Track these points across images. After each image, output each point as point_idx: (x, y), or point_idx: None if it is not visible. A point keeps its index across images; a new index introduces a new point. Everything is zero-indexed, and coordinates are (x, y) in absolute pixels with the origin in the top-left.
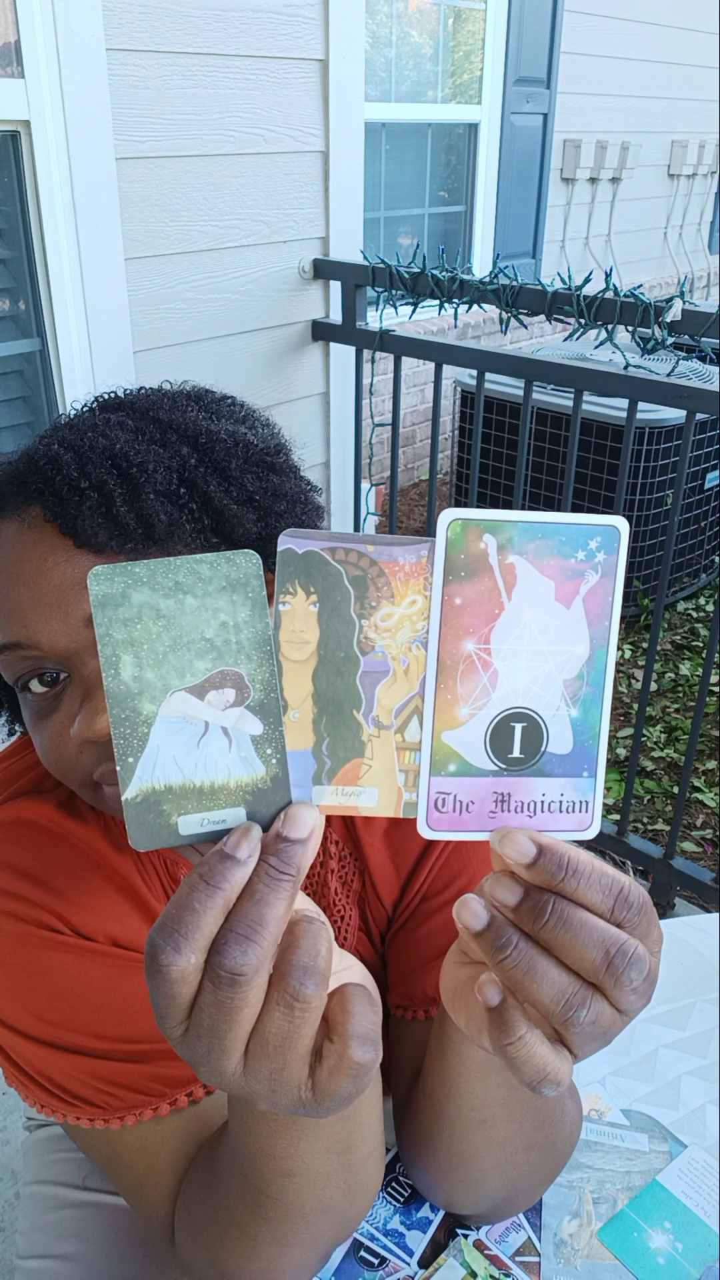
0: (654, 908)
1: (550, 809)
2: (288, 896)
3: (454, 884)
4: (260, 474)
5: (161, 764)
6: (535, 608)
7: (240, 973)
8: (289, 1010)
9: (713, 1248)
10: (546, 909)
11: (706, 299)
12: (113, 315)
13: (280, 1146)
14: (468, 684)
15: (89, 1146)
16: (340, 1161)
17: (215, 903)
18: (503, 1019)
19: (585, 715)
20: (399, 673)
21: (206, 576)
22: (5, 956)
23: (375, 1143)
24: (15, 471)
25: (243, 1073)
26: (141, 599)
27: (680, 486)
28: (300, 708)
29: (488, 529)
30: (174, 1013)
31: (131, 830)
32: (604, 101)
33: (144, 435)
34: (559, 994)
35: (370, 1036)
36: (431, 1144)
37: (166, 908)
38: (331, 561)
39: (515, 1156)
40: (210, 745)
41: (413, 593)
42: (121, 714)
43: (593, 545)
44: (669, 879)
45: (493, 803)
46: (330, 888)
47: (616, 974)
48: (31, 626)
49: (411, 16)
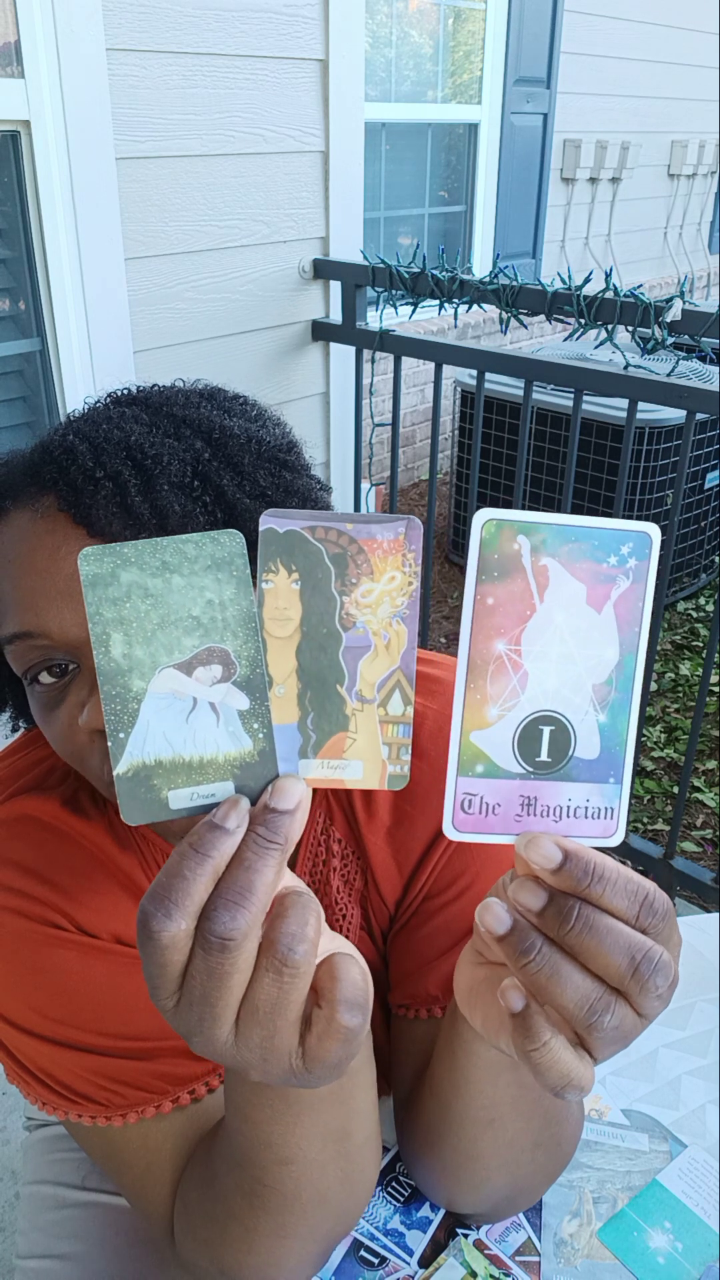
0: (675, 913)
1: (576, 814)
2: (276, 864)
3: (457, 883)
4: (273, 470)
5: (152, 739)
6: (567, 610)
7: (230, 937)
8: (278, 976)
9: (713, 1248)
10: (572, 914)
11: (706, 299)
12: (113, 315)
13: (276, 1133)
14: (498, 684)
15: (90, 1144)
16: (336, 1149)
17: (205, 870)
18: (527, 1025)
19: (613, 721)
20: (380, 648)
21: (192, 556)
22: (9, 953)
23: (371, 1130)
24: (30, 462)
25: (234, 1041)
26: (130, 578)
27: (680, 486)
28: (285, 683)
29: (522, 530)
30: (166, 982)
31: (123, 804)
32: (604, 101)
33: (158, 429)
34: (583, 999)
35: (358, 1001)
36: (438, 1143)
37: (157, 877)
38: (312, 540)
39: (521, 1155)
40: (199, 720)
41: (391, 569)
42: (112, 691)
43: (625, 551)
44: (669, 879)
45: (519, 806)
46: (333, 886)
47: (642, 980)
48: (43, 616)
49: (411, 16)
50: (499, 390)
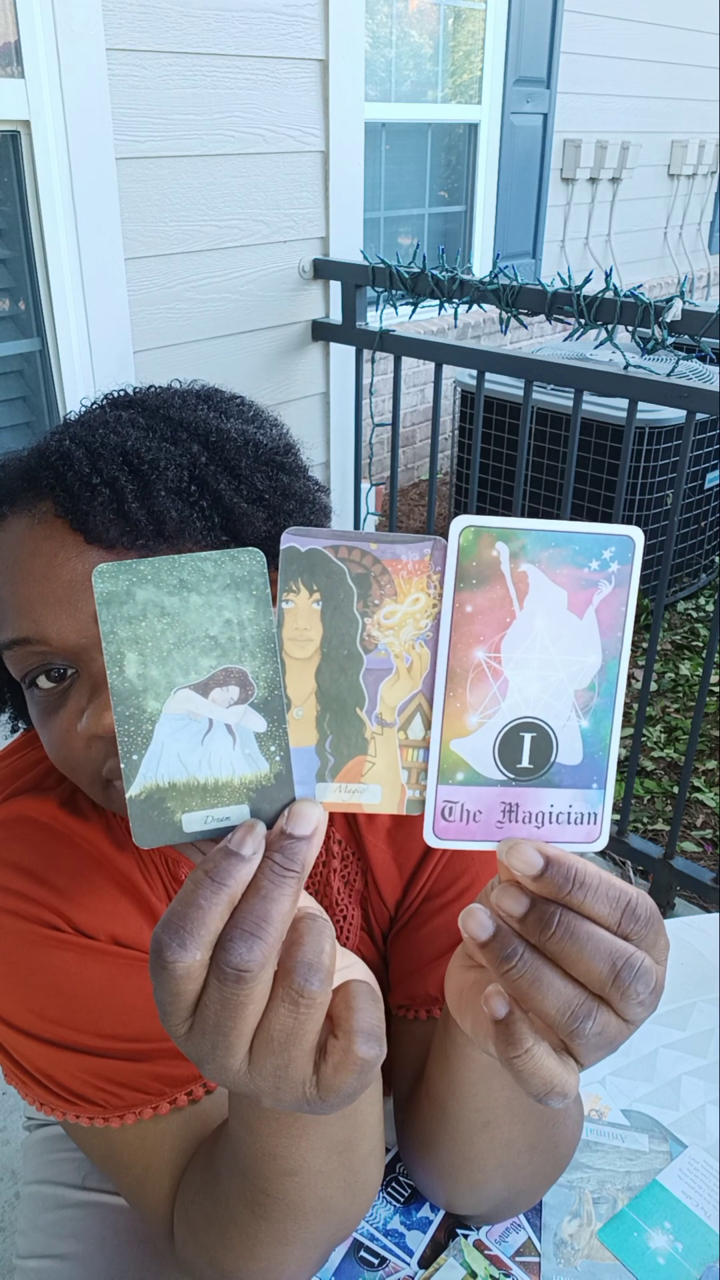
0: (661, 919)
1: (558, 820)
2: (293, 893)
3: (456, 884)
4: (270, 473)
5: (166, 761)
6: (547, 617)
7: (246, 969)
8: (294, 1007)
9: (713, 1248)
10: (553, 921)
11: (706, 299)
12: (113, 315)
13: (282, 1145)
14: (477, 692)
15: (88, 1145)
16: (341, 1160)
17: (221, 899)
18: (509, 1031)
19: (596, 726)
20: (402, 670)
21: (211, 574)
22: (6, 954)
23: (376, 1141)
24: (26, 467)
25: (248, 1070)
26: (146, 596)
27: (680, 486)
28: (304, 705)
29: (500, 537)
30: (179, 1010)
31: (136, 827)
32: (604, 101)
33: (155, 433)
34: (565, 1005)
35: (375, 1032)
36: (434, 1145)
37: (171, 904)
38: (334, 559)
39: (518, 1158)
40: (214, 742)
41: (416, 590)
42: (126, 711)
43: (607, 555)
44: (669, 879)
45: (500, 813)
46: (333, 887)
47: (623, 987)
48: (41, 622)
49: (411, 16)
50: (499, 390)
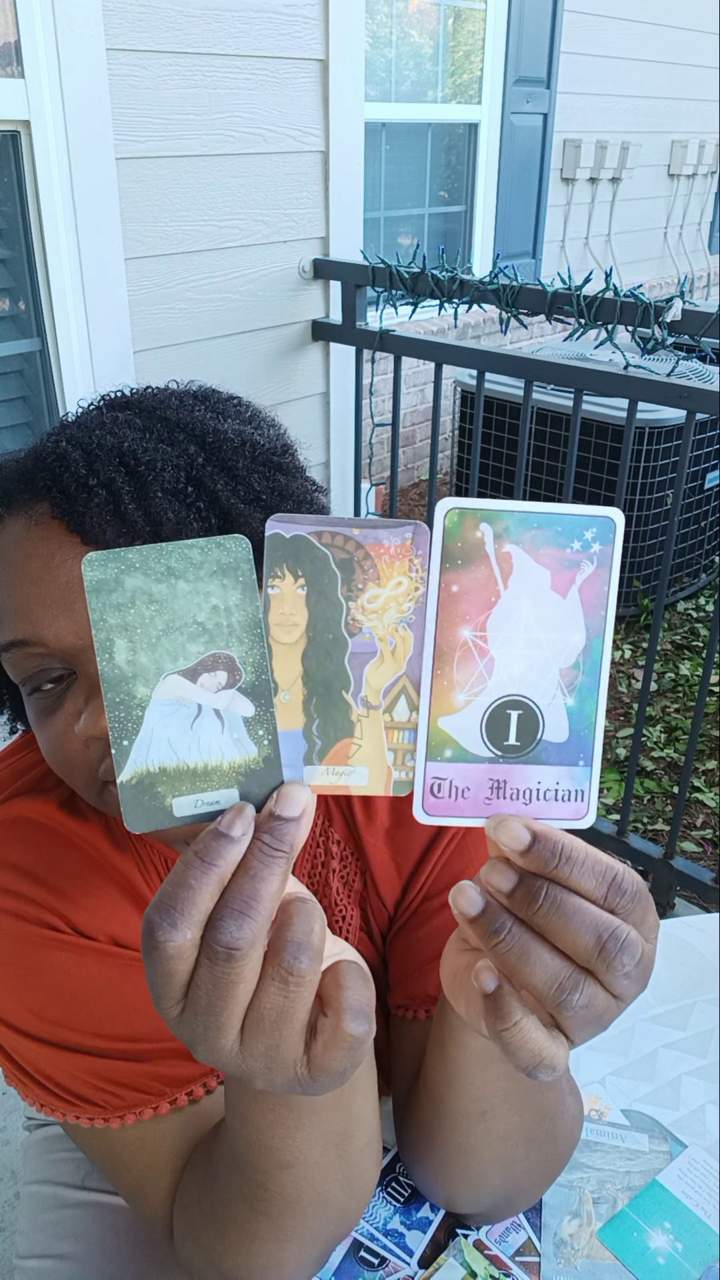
0: (649, 895)
1: (546, 797)
2: (281, 872)
3: (455, 884)
4: (267, 473)
5: (156, 746)
6: (531, 596)
7: (236, 947)
8: (284, 985)
9: (713, 1248)
10: (540, 894)
11: (706, 299)
12: (113, 315)
13: (277, 1137)
14: (464, 670)
15: (88, 1145)
16: (337, 1153)
17: (210, 879)
18: (498, 1004)
19: (581, 705)
20: (386, 653)
21: (198, 561)
22: (6, 955)
23: (372, 1134)
24: (23, 468)
25: (239, 1050)
26: (135, 584)
27: (680, 486)
28: (290, 689)
29: (484, 518)
30: (171, 991)
31: (127, 812)
32: (604, 101)
33: (152, 434)
34: (552, 978)
35: (363, 1010)
36: (432, 1138)
37: (163, 885)
38: (318, 545)
39: (516, 1151)
40: (203, 727)
41: (398, 574)
42: (116, 698)
43: (588, 536)
44: (669, 879)
45: (488, 789)
46: (332, 887)
47: (609, 958)
48: (38, 624)
49: (411, 16)
50: (499, 390)
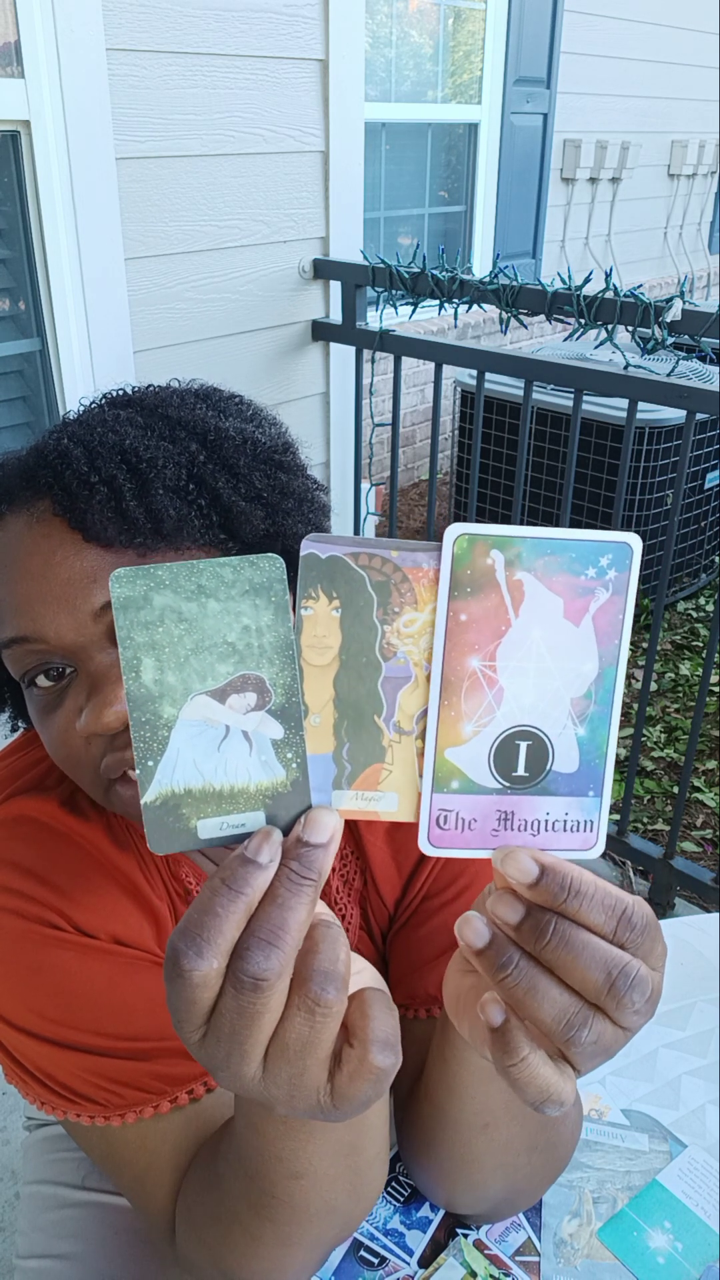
0: (658, 925)
1: (554, 828)
2: (309, 901)
3: (455, 883)
4: (268, 471)
5: (181, 767)
6: (543, 625)
7: (264, 978)
8: (310, 1015)
9: (713, 1248)
10: (548, 929)
11: (706, 299)
12: (113, 315)
13: (289, 1149)
14: (471, 701)
15: (89, 1144)
16: (348, 1164)
17: (238, 907)
18: (505, 1040)
19: (592, 734)
20: (421, 678)
21: (229, 580)
22: (7, 954)
23: (381, 1145)
24: (25, 466)
25: (262, 1078)
26: (164, 602)
27: (680, 486)
28: (321, 712)
29: (495, 544)
30: (193, 1018)
31: (151, 833)
32: (604, 101)
33: (153, 431)
34: (560, 1014)
35: (390, 1041)
36: (433, 1146)
37: (188, 912)
38: (355, 567)
39: (517, 1159)
40: (231, 749)
41: (435, 599)
42: (142, 717)
43: (604, 562)
44: (669, 879)
45: (496, 821)
46: (332, 886)
47: (619, 996)
48: (39, 620)
49: (411, 16)
50: (499, 390)
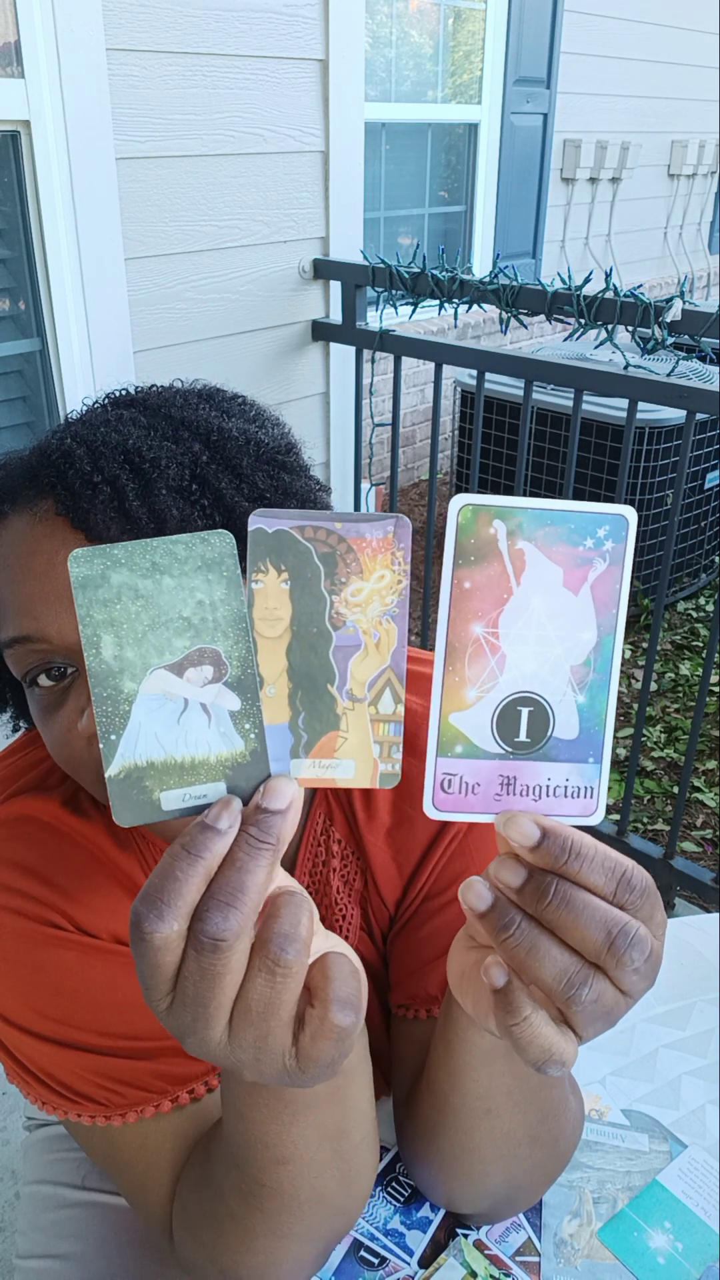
0: (658, 891)
1: (555, 793)
2: (268, 865)
3: (456, 883)
4: (271, 472)
5: (143, 741)
6: (544, 593)
7: (222, 938)
8: (270, 976)
9: (713, 1248)
10: (549, 890)
11: (706, 299)
12: (113, 315)
13: (272, 1133)
14: (475, 667)
15: (90, 1144)
16: (333, 1148)
17: (197, 871)
18: (508, 1000)
19: (592, 702)
20: (370, 646)
21: (182, 556)
22: (9, 953)
23: (368, 1129)
24: (28, 465)
25: (228, 1041)
26: (120, 580)
27: (680, 486)
28: (276, 683)
29: (498, 514)
30: (159, 982)
31: (115, 806)
32: (604, 101)
33: (156, 431)
34: (561, 973)
35: (350, 1001)
36: (435, 1135)
37: (149, 878)
38: (301, 539)
39: (518, 1149)
40: (190, 721)
41: (381, 567)
42: (104, 692)
43: (601, 533)
44: (669, 879)
45: (498, 785)
46: (333, 887)
47: (618, 954)
48: (42, 620)
49: (411, 16)
50: (499, 390)
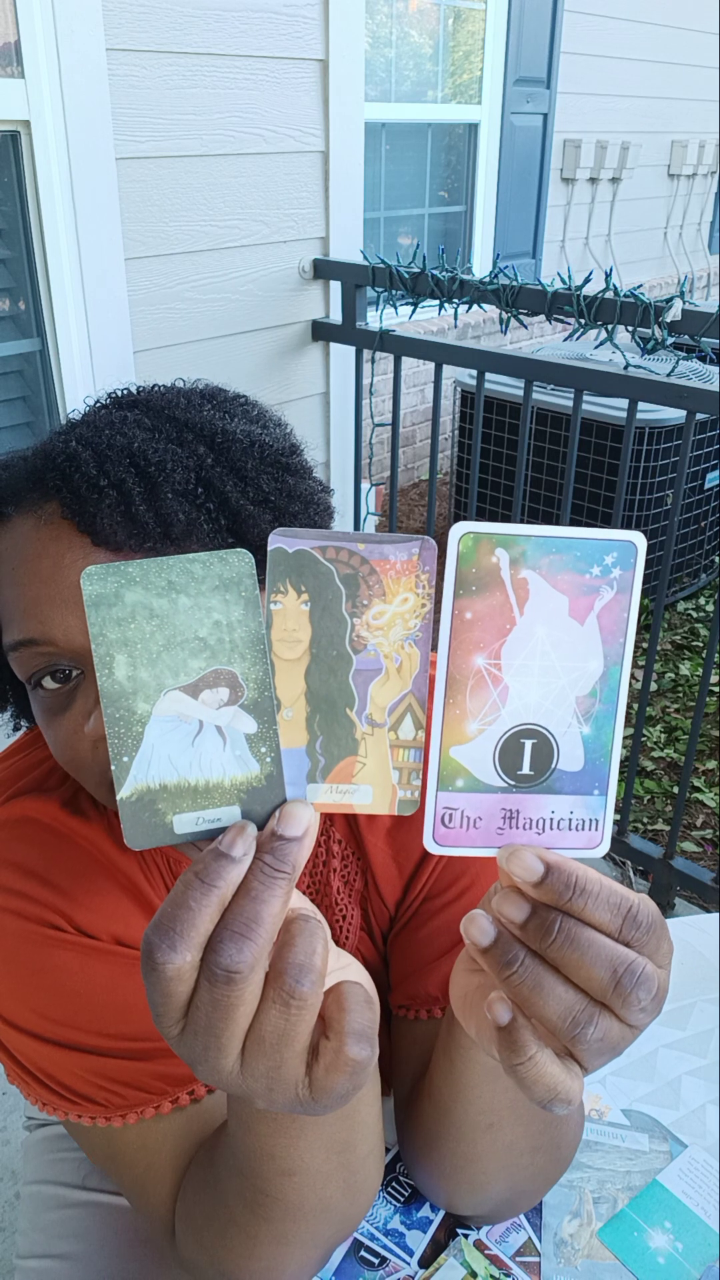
0: (664, 923)
1: (559, 826)
2: (283, 894)
3: (457, 884)
4: (275, 474)
5: (156, 763)
6: (548, 623)
7: (236, 970)
8: (285, 1008)
9: (713, 1248)
10: (554, 928)
11: (706, 299)
12: (113, 315)
13: (280, 1145)
14: (477, 699)
15: (90, 1145)
16: (340, 1160)
17: (211, 900)
18: (513, 1038)
19: (597, 733)
20: (392, 670)
21: (199, 576)
22: (9, 954)
23: (375, 1141)
24: (33, 468)
25: (240, 1071)
26: (135, 598)
27: (680, 486)
28: (293, 706)
29: (500, 543)
30: (170, 1011)
31: (127, 829)
32: (604, 101)
33: (161, 434)
34: (566, 1012)
35: (366, 1033)
36: (436, 1146)
37: (162, 906)
38: (322, 560)
39: (520, 1159)
40: (205, 744)
41: (404, 590)
42: (116, 713)
43: (608, 561)
44: (669, 879)
45: (501, 819)
46: (333, 887)
47: (624, 993)
48: (47, 623)
49: (411, 16)
50: (499, 390)
